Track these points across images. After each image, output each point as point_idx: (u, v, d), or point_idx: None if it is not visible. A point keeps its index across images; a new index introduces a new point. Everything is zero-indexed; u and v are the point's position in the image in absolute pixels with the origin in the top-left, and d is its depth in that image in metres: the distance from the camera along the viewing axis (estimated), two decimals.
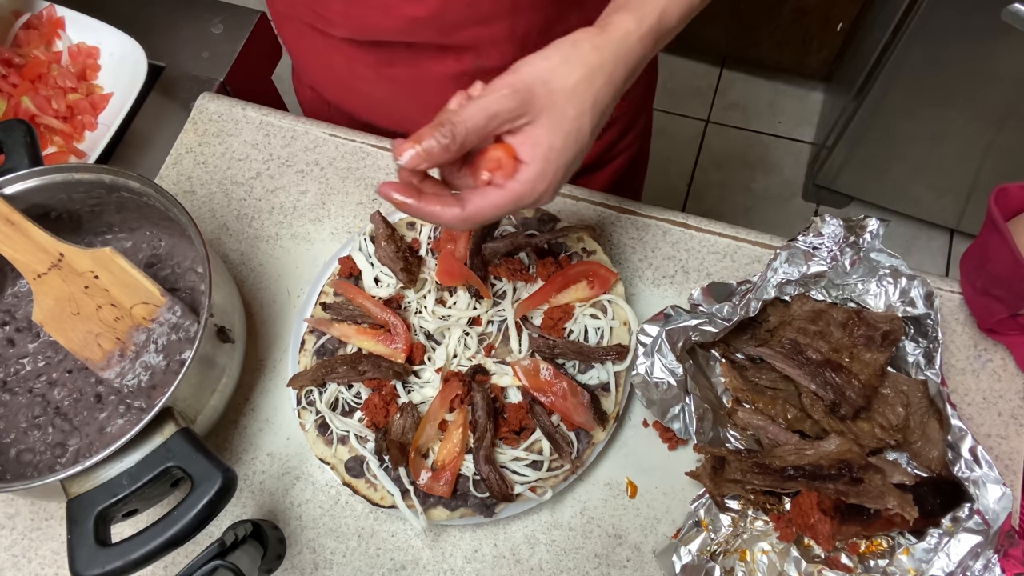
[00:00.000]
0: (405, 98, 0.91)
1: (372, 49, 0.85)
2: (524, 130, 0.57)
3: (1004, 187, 0.74)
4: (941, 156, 1.77)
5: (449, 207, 0.57)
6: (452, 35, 0.80)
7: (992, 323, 0.79)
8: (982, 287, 0.78)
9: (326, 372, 0.77)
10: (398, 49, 0.84)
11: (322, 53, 0.90)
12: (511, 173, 0.57)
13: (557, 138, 0.57)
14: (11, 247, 0.72)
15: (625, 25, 0.59)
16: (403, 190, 0.57)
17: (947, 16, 1.43)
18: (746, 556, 0.71)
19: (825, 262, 0.76)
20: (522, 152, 0.57)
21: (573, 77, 0.57)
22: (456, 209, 0.57)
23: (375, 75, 0.88)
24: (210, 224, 0.92)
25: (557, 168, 0.58)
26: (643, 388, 0.74)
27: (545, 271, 0.81)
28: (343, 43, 0.86)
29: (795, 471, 0.70)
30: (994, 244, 0.73)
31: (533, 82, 0.56)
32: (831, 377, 0.74)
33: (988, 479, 0.69)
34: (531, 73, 0.57)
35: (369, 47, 0.85)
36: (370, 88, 0.92)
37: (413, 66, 0.85)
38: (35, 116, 1.00)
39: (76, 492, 0.61)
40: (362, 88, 0.92)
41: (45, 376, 0.78)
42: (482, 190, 0.58)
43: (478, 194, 0.58)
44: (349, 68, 0.89)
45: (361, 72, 0.89)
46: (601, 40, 0.59)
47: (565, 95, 0.57)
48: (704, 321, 0.74)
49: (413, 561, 0.76)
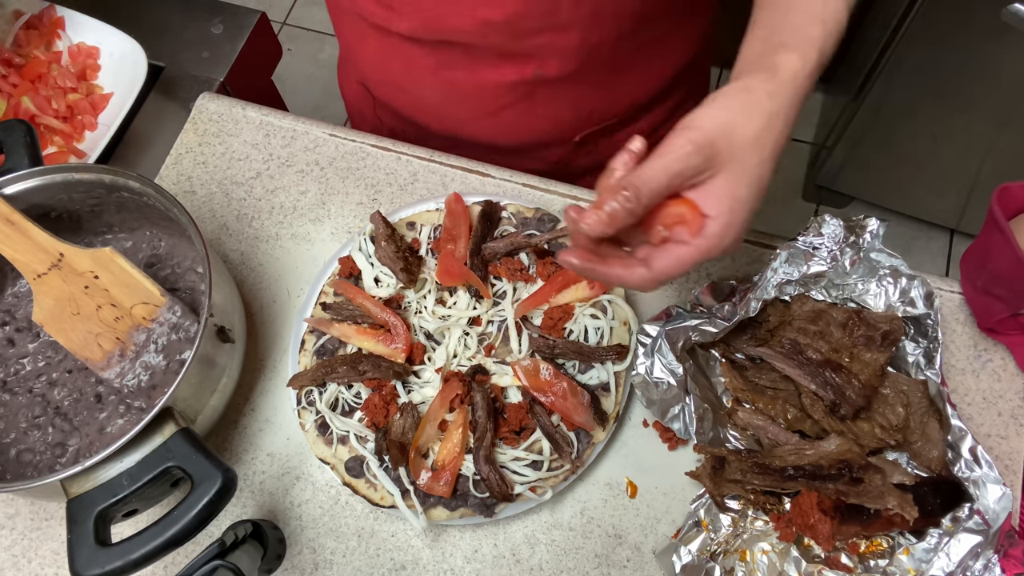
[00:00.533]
0: (459, 103, 0.90)
1: (433, 50, 0.84)
2: (706, 184, 0.56)
3: (1006, 186, 0.73)
4: (941, 156, 1.77)
5: (633, 268, 0.56)
6: (522, 41, 0.78)
7: (992, 323, 0.79)
8: (983, 286, 0.78)
9: (326, 372, 0.77)
10: (459, 52, 0.82)
11: (379, 50, 0.89)
12: (697, 228, 0.55)
13: (742, 189, 0.55)
14: (11, 247, 0.72)
15: (792, 66, 0.58)
16: (584, 256, 0.56)
17: (947, 16, 1.43)
18: (746, 556, 0.71)
19: (825, 262, 0.76)
20: (706, 206, 0.55)
21: (754, 127, 0.56)
22: (641, 270, 0.56)
23: (432, 77, 0.87)
24: (210, 224, 0.92)
25: (743, 218, 0.56)
26: (643, 388, 0.74)
27: (545, 271, 0.81)
28: (403, 42, 0.84)
29: (795, 471, 0.70)
30: (996, 243, 0.73)
31: (715, 136, 0.55)
32: (831, 377, 0.74)
33: (988, 479, 0.69)
34: (712, 127, 0.55)
35: (430, 47, 0.83)
36: (425, 90, 0.91)
37: (472, 71, 0.84)
38: (35, 116, 1.00)
39: (76, 492, 0.61)
40: (416, 89, 0.91)
41: (45, 376, 0.78)
42: (666, 248, 0.56)
43: (663, 252, 0.56)
44: (406, 68, 0.88)
45: (418, 73, 0.88)
46: (774, 86, 0.57)
47: (747, 146, 0.55)
48: (704, 321, 0.74)
49: (413, 561, 0.76)
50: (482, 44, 0.81)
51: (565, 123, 0.92)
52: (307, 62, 2.50)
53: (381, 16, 0.83)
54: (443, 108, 0.92)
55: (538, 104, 0.88)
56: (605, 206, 0.53)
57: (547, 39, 0.79)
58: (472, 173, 0.93)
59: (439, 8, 0.78)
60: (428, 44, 0.83)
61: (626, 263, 0.57)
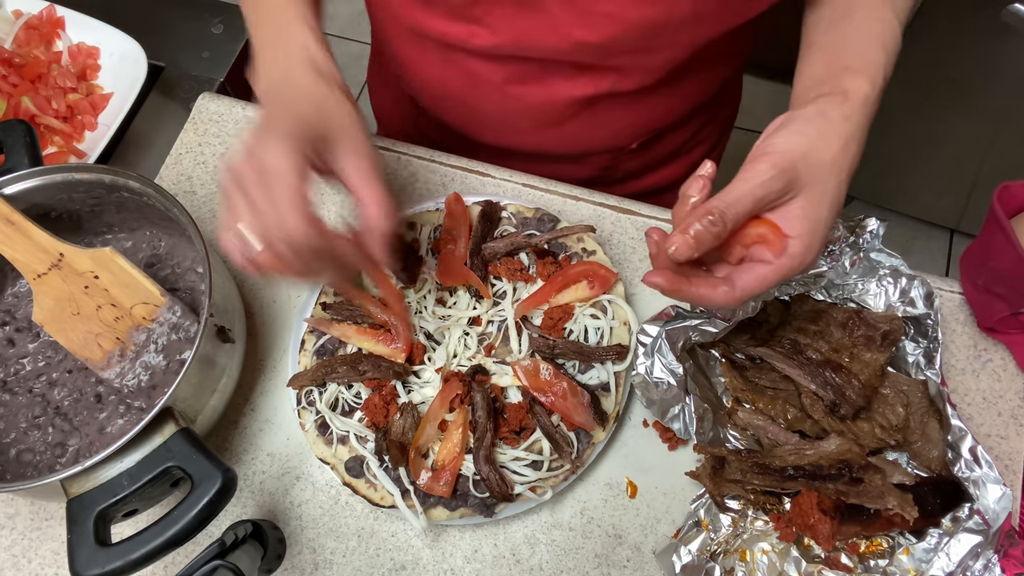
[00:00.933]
0: (522, 116, 0.88)
1: (504, 65, 0.81)
2: (787, 205, 0.58)
3: (1007, 185, 0.74)
4: (941, 156, 1.77)
5: (718, 288, 0.58)
6: (610, 59, 0.78)
7: (993, 321, 0.79)
8: (983, 285, 0.78)
9: (326, 372, 0.77)
10: (534, 67, 0.81)
11: (440, 65, 0.86)
12: (780, 248, 0.57)
13: (823, 209, 0.57)
14: (11, 247, 0.72)
15: (863, 90, 0.61)
16: (669, 277, 0.57)
17: (947, 16, 1.43)
18: (746, 556, 0.71)
19: (825, 262, 0.76)
20: (788, 227, 0.57)
21: (832, 150, 0.58)
22: (725, 288, 0.58)
23: (498, 92, 0.85)
24: (210, 224, 0.92)
25: (823, 238, 0.58)
26: (643, 388, 0.74)
27: (545, 271, 0.81)
28: (471, 57, 0.82)
29: (795, 471, 0.70)
30: (997, 242, 0.73)
31: (796, 160, 0.57)
32: (831, 377, 0.74)
33: (988, 479, 0.69)
34: (793, 152, 0.57)
35: (501, 62, 0.81)
36: (487, 104, 0.88)
37: (544, 85, 0.83)
38: (35, 116, 1.00)
39: (76, 492, 0.61)
40: (477, 104, 0.89)
41: (45, 376, 0.78)
42: (749, 267, 0.58)
43: (745, 271, 0.58)
44: (470, 83, 0.85)
45: (483, 88, 0.85)
46: (848, 109, 0.60)
47: (826, 169, 0.58)
48: (704, 321, 0.74)
49: (413, 561, 0.76)
50: (564, 60, 0.79)
51: (625, 131, 0.91)
52: None
53: (458, 33, 0.79)
54: (503, 121, 0.90)
55: (603, 114, 0.86)
56: (691, 230, 0.55)
57: (633, 58, 0.78)
58: (472, 173, 0.93)
59: (533, 28, 0.76)
60: (501, 59, 0.81)
61: (711, 283, 0.58)
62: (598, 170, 0.98)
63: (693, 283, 0.58)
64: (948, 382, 0.80)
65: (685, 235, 0.55)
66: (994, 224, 0.73)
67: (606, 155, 0.95)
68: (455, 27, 0.79)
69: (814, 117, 0.59)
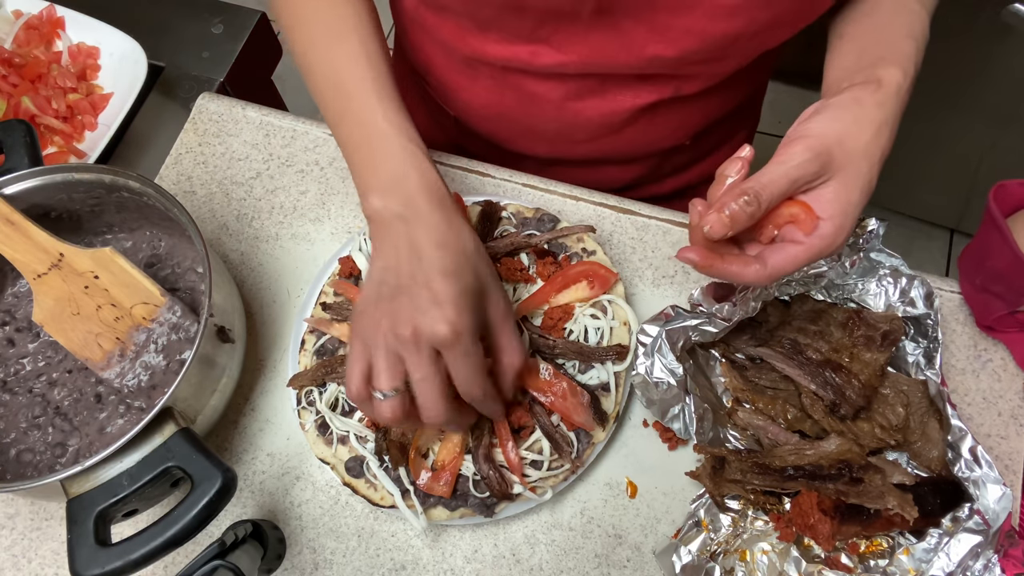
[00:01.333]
0: (581, 129, 0.87)
1: (563, 82, 0.80)
2: (819, 188, 0.59)
3: (1003, 183, 0.74)
4: (941, 156, 1.77)
5: (750, 266, 0.59)
6: (680, 70, 0.78)
7: (991, 320, 0.79)
8: (981, 284, 0.78)
9: (326, 372, 0.77)
10: (593, 81, 0.80)
11: (492, 88, 0.85)
12: (810, 229, 0.59)
13: (855, 193, 0.59)
14: (11, 247, 0.72)
15: (896, 79, 0.63)
16: (702, 254, 0.59)
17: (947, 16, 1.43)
18: (746, 556, 0.71)
19: (825, 262, 0.76)
20: (820, 208, 0.59)
21: (865, 136, 0.60)
22: (756, 266, 0.59)
23: (556, 109, 0.84)
24: (210, 224, 0.92)
25: (853, 221, 0.60)
26: (643, 388, 0.74)
27: (545, 271, 0.81)
28: (528, 77, 0.81)
29: (795, 471, 0.70)
30: (994, 241, 0.73)
31: (831, 145, 0.58)
32: (831, 377, 0.74)
33: (988, 479, 0.69)
34: (827, 136, 0.59)
35: (560, 80, 0.80)
36: (542, 121, 0.87)
37: (605, 98, 0.82)
38: (35, 116, 1.00)
39: (76, 492, 0.62)
40: (532, 122, 0.88)
41: (45, 376, 0.78)
42: (781, 246, 0.60)
43: (777, 250, 0.60)
44: (526, 103, 0.84)
45: (540, 105, 0.84)
46: (882, 96, 0.62)
47: (860, 153, 0.59)
48: (704, 321, 0.74)
49: (413, 561, 0.76)
50: (630, 74, 0.78)
51: (681, 130, 0.91)
52: None
53: (520, 55, 0.78)
54: (560, 134, 0.89)
55: (662, 118, 0.86)
56: (726, 209, 0.56)
57: (704, 67, 0.78)
58: (472, 173, 0.93)
59: (604, 45, 0.74)
60: (562, 77, 0.80)
61: (743, 261, 0.59)
62: (648, 168, 0.98)
63: (726, 260, 0.59)
64: (948, 382, 0.80)
65: (720, 214, 0.56)
66: (990, 223, 0.73)
67: (658, 155, 0.95)
68: (516, 49, 0.78)
69: (849, 104, 0.61)
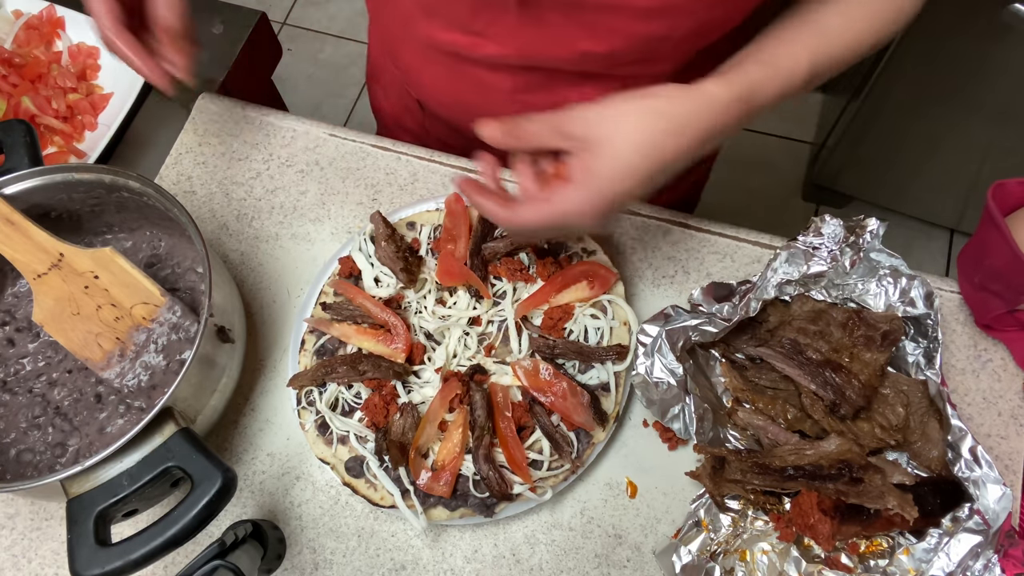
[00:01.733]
0: None
1: (512, 75, 0.82)
2: (581, 156, 0.62)
3: (1001, 183, 0.74)
4: (941, 156, 1.77)
5: (502, 207, 0.64)
6: (616, 69, 0.80)
7: (990, 319, 0.79)
8: (980, 283, 0.78)
9: (326, 372, 0.77)
10: (542, 76, 0.82)
11: (447, 75, 0.87)
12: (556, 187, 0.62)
13: (606, 169, 0.61)
14: (11, 247, 0.72)
15: (711, 88, 0.64)
16: (470, 185, 0.66)
17: (947, 16, 1.43)
18: (746, 556, 0.71)
19: (825, 262, 0.76)
20: (572, 174, 0.62)
21: (636, 120, 0.61)
22: (507, 212, 0.64)
23: (507, 99, 0.86)
24: (210, 224, 0.92)
25: (603, 197, 0.61)
26: (643, 388, 0.74)
27: (545, 271, 0.81)
28: (479, 67, 0.83)
29: (795, 471, 0.70)
30: (992, 239, 0.73)
31: (603, 118, 0.61)
32: (831, 377, 0.74)
33: (988, 479, 0.69)
34: (605, 110, 0.62)
35: (510, 72, 0.82)
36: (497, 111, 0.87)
37: (552, 92, 0.84)
38: (35, 116, 1.00)
39: (76, 492, 0.61)
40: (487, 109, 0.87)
41: (45, 376, 0.78)
42: (530, 200, 0.64)
43: (528, 202, 0.63)
44: (479, 91, 0.86)
45: (492, 96, 0.86)
46: (678, 93, 0.63)
47: (625, 134, 0.61)
48: (704, 321, 0.74)
49: (413, 561, 0.76)
50: (573, 70, 0.80)
51: None
52: (307, 62, 2.50)
53: (463, 44, 0.81)
54: None
55: None
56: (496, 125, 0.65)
57: (640, 67, 0.80)
58: (472, 173, 0.93)
59: (538, 40, 0.77)
60: (509, 68, 0.82)
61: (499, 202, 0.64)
62: None
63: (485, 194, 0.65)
64: (948, 382, 0.80)
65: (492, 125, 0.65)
66: (989, 222, 0.73)
67: None
68: (460, 38, 0.80)
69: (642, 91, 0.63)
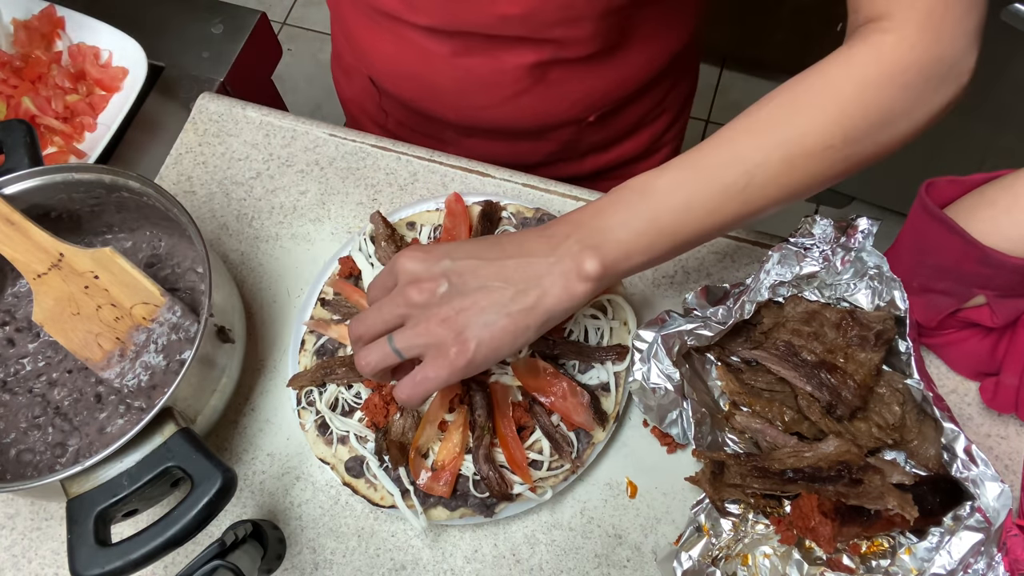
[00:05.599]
0: (477, 90, 0.91)
1: (448, 39, 0.86)
2: None
3: (932, 181, 0.73)
4: (941, 156, 1.77)
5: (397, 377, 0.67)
6: (539, 31, 0.82)
7: (938, 321, 0.77)
8: (922, 285, 0.76)
9: (326, 372, 0.77)
10: (477, 40, 0.85)
11: (393, 42, 0.90)
12: None
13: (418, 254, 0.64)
14: (11, 247, 0.72)
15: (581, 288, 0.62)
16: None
17: None
18: (748, 560, 0.71)
19: (817, 262, 0.76)
20: None
21: None
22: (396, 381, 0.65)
23: (449, 66, 0.89)
24: (210, 224, 0.92)
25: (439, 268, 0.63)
26: (640, 394, 0.74)
27: None
28: (419, 32, 0.86)
29: (794, 473, 0.70)
30: (933, 235, 0.71)
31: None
32: (826, 378, 0.74)
33: (985, 477, 0.69)
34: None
35: (445, 37, 0.85)
36: (441, 79, 0.92)
37: (490, 56, 0.86)
38: (35, 117, 1.00)
39: (76, 492, 0.62)
40: (432, 78, 0.93)
41: (45, 376, 0.78)
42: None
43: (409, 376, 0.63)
44: (422, 58, 0.90)
45: (434, 63, 0.89)
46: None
47: None
48: (699, 325, 0.74)
49: (413, 561, 0.76)
50: (500, 34, 0.83)
51: (581, 103, 0.94)
52: (307, 62, 2.50)
53: (398, 8, 0.84)
54: (460, 96, 0.93)
55: (555, 86, 0.91)
56: None
57: (563, 30, 0.82)
58: (472, 173, 0.93)
59: (456, 4, 0.80)
60: (445, 34, 0.85)
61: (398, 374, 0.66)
62: (561, 144, 1.01)
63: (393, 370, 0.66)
64: (948, 382, 0.80)
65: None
66: (926, 218, 0.72)
67: (567, 128, 0.98)
68: (397, 4, 0.84)
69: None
